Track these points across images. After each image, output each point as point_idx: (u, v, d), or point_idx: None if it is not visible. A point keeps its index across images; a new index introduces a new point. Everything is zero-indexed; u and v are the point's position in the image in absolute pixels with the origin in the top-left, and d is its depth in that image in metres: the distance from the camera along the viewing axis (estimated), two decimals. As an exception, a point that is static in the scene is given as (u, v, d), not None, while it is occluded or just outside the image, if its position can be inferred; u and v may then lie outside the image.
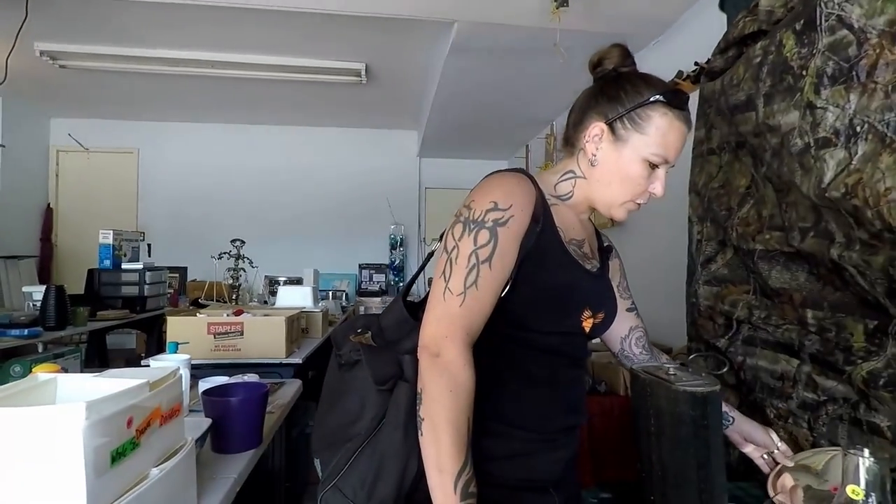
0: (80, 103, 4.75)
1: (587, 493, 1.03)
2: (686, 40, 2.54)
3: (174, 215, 5.27)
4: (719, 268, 1.40)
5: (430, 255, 0.92)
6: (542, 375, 0.83)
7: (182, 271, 4.36)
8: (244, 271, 3.39)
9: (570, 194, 0.90)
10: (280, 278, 3.40)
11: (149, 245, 3.89)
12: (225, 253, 3.32)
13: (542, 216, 0.82)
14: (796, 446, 1.15)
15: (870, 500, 0.71)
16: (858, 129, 0.89)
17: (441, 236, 0.84)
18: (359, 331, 0.86)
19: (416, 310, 0.84)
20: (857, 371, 0.99)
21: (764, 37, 1.14)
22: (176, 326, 1.80)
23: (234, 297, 3.34)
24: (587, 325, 0.86)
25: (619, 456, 1.95)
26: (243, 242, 3.37)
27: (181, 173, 5.32)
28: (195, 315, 1.92)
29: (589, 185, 0.89)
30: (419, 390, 0.72)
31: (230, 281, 3.34)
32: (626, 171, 0.84)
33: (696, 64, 2.16)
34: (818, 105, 0.95)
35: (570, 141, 0.92)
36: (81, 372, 2.14)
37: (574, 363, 0.88)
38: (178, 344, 1.62)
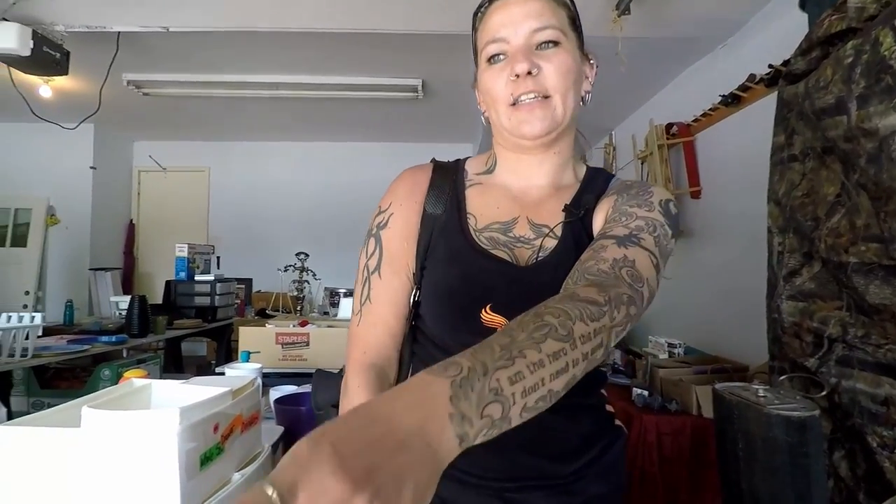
0: (159, 127, 5.13)
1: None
2: (758, 43, 2.42)
3: (240, 229, 5.55)
4: (805, 281, 1.30)
5: None
6: None
7: (248, 282, 4.58)
8: (308, 283, 3.51)
9: (495, 160, 0.76)
10: (340, 290, 3.50)
11: (218, 258, 4.12)
12: (290, 265, 3.45)
13: (447, 203, 0.71)
14: (904, 480, 1.04)
15: None
16: (975, 129, 0.81)
17: None
18: None
19: None
20: (979, 398, 0.89)
21: (855, 35, 1.06)
22: (247, 336, 1.88)
23: (298, 309, 3.46)
24: None
25: (692, 480, 1.84)
26: (307, 255, 3.50)
27: (247, 189, 5.61)
28: (264, 325, 2.01)
29: (495, 134, 0.75)
30: None
31: (295, 293, 3.47)
32: (483, 85, 0.70)
33: (770, 67, 2.05)
34: (924, 105, 0.87)
35: None
36: (161, 377, 2.28)
37: None
38: (249, 353, 1.69)
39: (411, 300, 0.71)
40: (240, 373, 1.30)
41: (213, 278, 3.56)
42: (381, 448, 0.30)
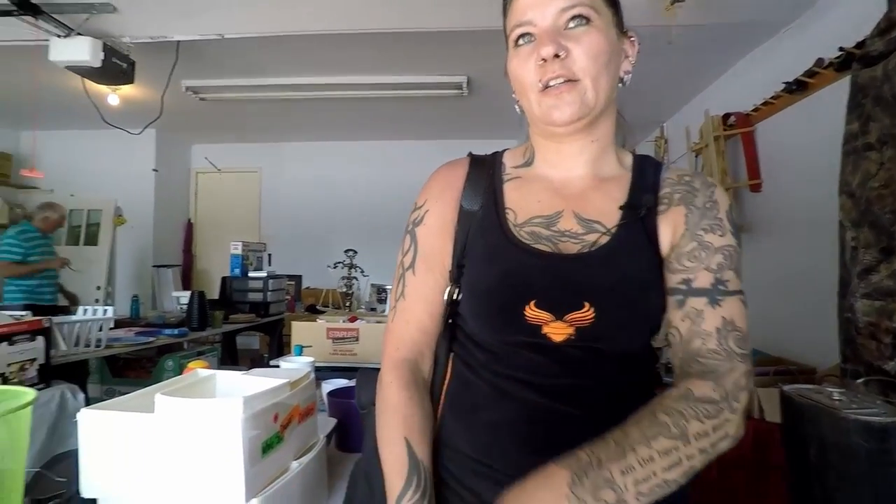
0: (214, 130, 5.37)
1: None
2: (827, 24, 2.26)
3: (290, 226, 5.73)
4: (883, 279, 1.21)
5: None
6: (485, 402, 0.64)
7: (297, 279, 4.73)
8: (356, 280, 3.59)
9: (532, 151, 0.73)
10: (387, 287, 3.55)
11: (269, 255, 4.27)
12: (339, 262, 3.53)
13: (483, 198, 0.69)
14: None
15: None
16: None
17: None
18: None
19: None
20: None
21: (942, 10, 0.98)
22: (299, 331, 1.94)
23: (347, 305, 3.55)
24: (554, 330, 0.60)
25: (753, 485, 1.75)
26: (355, 252, 3.57)
27: (297, 188, 5.79)
28: (315, 321, 2.06)
29: (529, 121, 0.71)
30: None
31: (344, 289, 3.55)
32: (512, 72, 0.67)
33: (840, 50, 1.91)
34: None
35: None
36: (218, 368, 2.39)
37: (535, 388, 0.61)
38: (302, 347, 1.74)
39: (446, 298, 0.69)
40: (295, 366, 1.34)
41: (265, 275, 3.70)
42: None
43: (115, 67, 2.63)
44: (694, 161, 3.19)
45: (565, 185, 0.69)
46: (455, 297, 0.68)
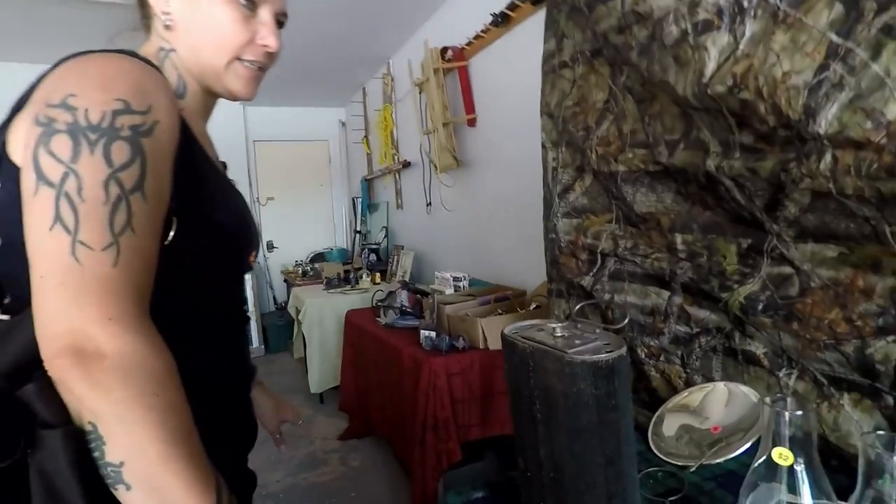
0: None
1: (455, 498, 0.79)
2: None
3: None
4: (578, 197, 1.24)
5: None
6: (220, 335, 0.66)
7: None
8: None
9: (185, 85, 0.66)
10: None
11: None
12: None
13: (182, 123, 0.59)
14: (669, 386, 1.06)
15: (798, 464, 0.56)
16: (745, 4, 0.72)
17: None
18: None
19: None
20: (734, 297, 0.89)
21: None
22: None
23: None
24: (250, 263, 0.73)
25: (482, 415, 1.81)
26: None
27: None
28: None
29: (183, 58, 0.64)
30: (89, 427, 0.45)
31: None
32: (211, 21, 0.62)
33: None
34: (699, -24, 0.77)
35: (143, 4, 0.66)
36: None
37: (243, 315, 0.73)
38: None
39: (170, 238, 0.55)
40: None
41: None
42: None
43: None
44: (418, 97, 3.14)
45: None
46: (168, 241, 0.55)
